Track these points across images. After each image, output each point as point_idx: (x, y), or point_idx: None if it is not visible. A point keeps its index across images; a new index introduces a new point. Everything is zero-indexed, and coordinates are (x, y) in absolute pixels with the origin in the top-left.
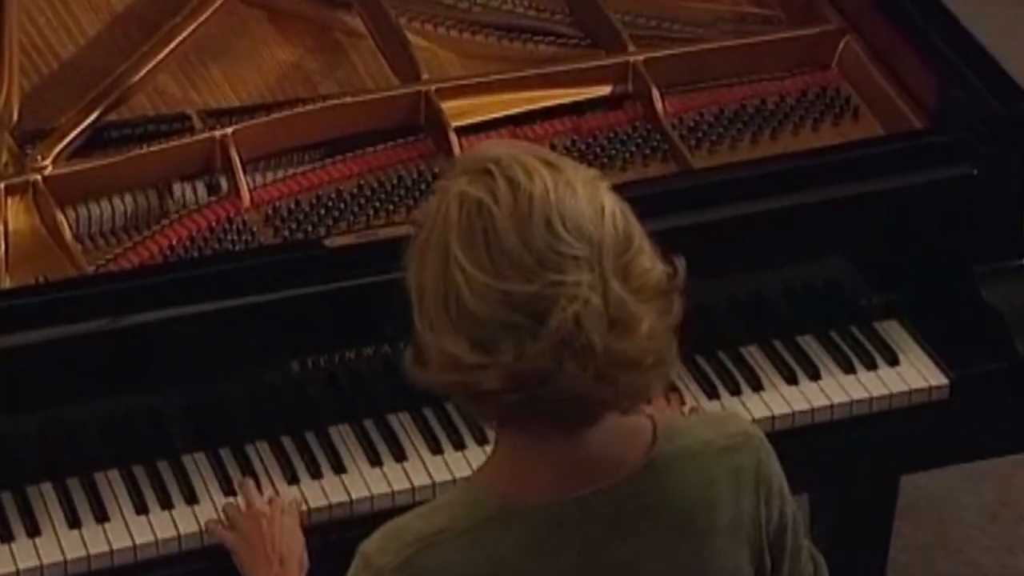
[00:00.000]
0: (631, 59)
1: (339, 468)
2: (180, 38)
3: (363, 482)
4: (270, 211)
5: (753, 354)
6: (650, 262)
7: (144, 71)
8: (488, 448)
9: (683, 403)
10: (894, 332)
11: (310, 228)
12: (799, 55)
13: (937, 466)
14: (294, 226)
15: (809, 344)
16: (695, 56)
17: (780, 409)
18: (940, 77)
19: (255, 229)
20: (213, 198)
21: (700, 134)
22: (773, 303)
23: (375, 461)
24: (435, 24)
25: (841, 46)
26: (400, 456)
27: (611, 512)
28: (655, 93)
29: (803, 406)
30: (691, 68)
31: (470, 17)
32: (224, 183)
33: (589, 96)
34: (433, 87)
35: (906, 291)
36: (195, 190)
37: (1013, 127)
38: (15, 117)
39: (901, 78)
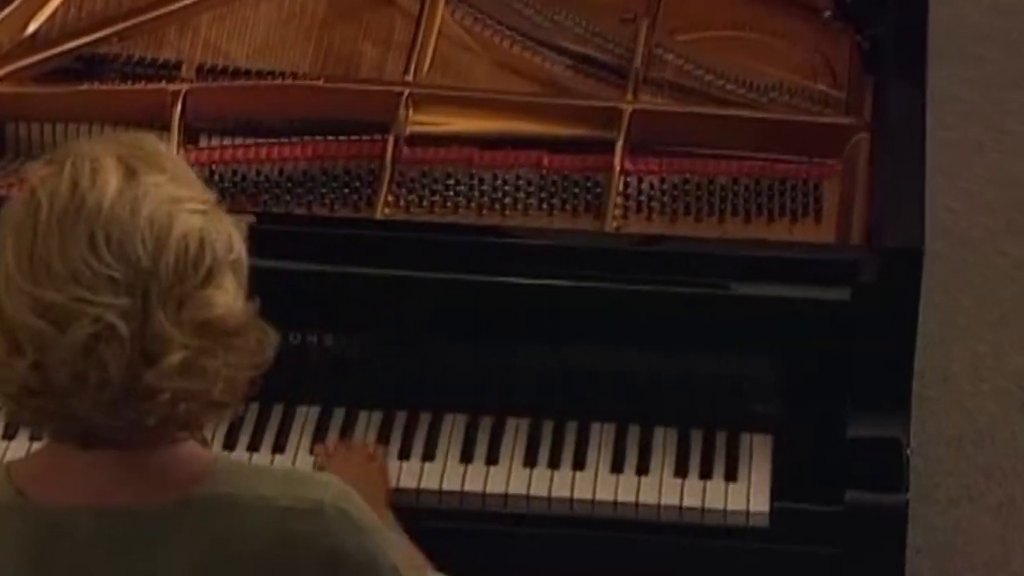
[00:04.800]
0: (623, 106)
1: None
2: None
3: None
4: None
5: (604, 432)
6: (222, 298)
7: (154, 14)
8: None
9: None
10: (758, 447)
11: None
12: (810, 141)
13: None
14: None
15: (663, 437)
16: (691, 118)
17: (581, 494)
18: (877, 199)
19: None
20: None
21: (647, 199)
22: (642, 387)
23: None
24: (492, 32)
25: (852, 142)
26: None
27: (124, 537)
28: (618, 146)
29: (607, 496)
30: (682, 130)
31: (533, 32)
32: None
33: (568, 134)
34: (407, 91)
35: (783, 410)
36: None
37: (900, 266)
38: (27, 30)
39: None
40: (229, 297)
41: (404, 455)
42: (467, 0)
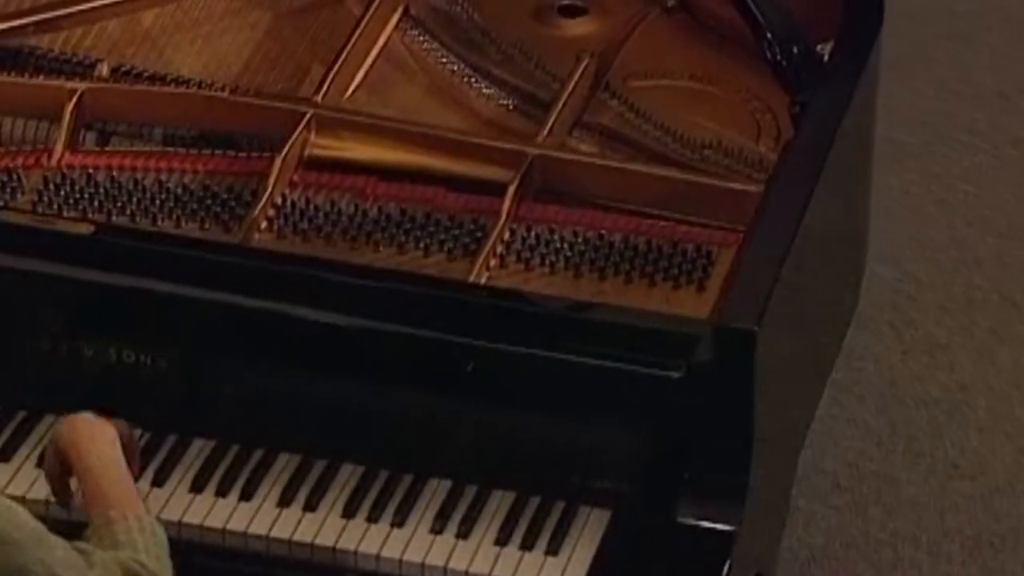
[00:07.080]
0: (527, 150)
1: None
2: None
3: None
4: (59, 178)
5: (437, 489)
6: None
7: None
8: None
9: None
10: (593, 523)
11: (72, 203)
12: (718, 206)
13: None
14: (61, 197)
15: (500, 501)
16: (596, 170)
17: (390, 552)
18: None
19: (16, 187)
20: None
21: (530, 249)
22: (479, 446)
23: None
24: (438, 58)
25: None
26: None
27: None
28: (510, 190)
29: (415, 558)
30: (587, 181)
31: (481, 64)
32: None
33: (474, 173)
34: (311, 111)
35: (623, 486)
36: (35, 130)
37: (733, 346)
38: None
39: None
40: None
41: (223, 492)
42: (423, 23)
